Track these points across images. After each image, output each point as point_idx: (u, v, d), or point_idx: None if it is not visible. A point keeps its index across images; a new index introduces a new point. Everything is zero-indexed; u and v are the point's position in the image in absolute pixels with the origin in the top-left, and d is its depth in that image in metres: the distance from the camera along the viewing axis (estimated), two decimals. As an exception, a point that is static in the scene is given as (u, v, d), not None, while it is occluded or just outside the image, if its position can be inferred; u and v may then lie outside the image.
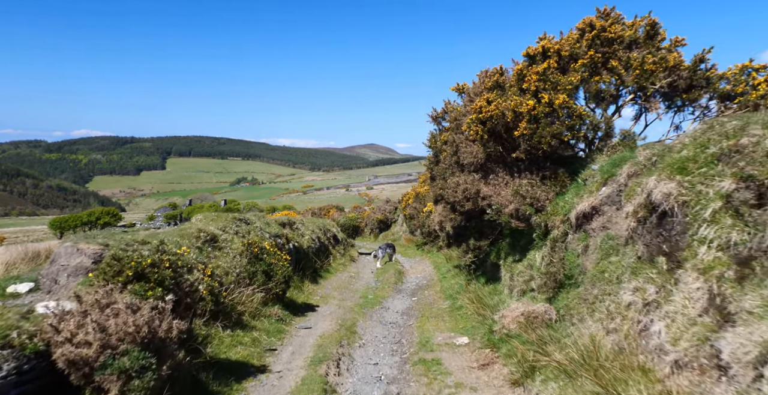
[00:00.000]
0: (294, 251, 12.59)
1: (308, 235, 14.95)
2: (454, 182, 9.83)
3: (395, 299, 12.35)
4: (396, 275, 15.80)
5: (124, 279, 4.54)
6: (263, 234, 10.88)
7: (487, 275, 11.27)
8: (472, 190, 9.35)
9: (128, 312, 3.83)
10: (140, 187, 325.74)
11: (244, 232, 9.98)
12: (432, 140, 12.00)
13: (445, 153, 11.02)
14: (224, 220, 9.84)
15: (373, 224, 40.47)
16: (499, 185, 8.75)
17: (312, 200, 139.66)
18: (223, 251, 8.57)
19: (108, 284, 4.34)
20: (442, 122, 12.18)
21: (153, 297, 4.49)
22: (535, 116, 7.42)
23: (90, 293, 3.99)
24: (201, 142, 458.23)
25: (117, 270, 4.56)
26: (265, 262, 9.05)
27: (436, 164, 11.96)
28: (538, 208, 7.70)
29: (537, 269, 7.81)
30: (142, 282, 4.63)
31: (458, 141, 9.99)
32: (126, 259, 4.68)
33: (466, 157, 9.60)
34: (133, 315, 3.82)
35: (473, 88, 9.98)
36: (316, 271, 14.00)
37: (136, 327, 3.74)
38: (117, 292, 4.16)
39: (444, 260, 17.25)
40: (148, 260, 4.86)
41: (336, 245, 19.15)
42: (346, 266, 17.49)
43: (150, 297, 4.48)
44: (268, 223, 12.07)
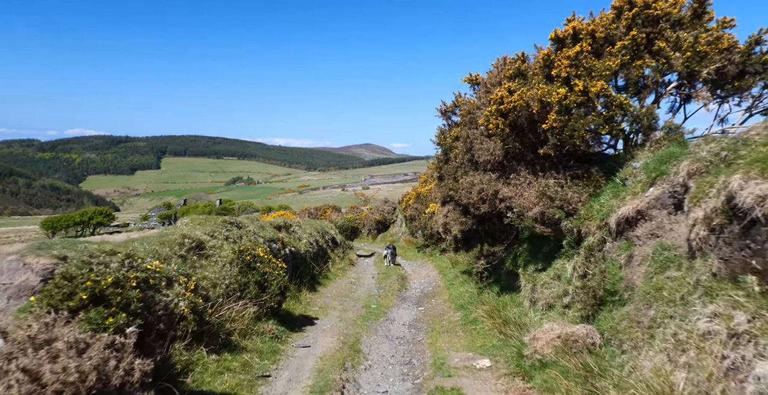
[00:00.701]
0: (290, 257, 11.61)
1: (306, 238, 13.98)
2: (468, 182, 8.89)
3: (400, 309, 11.39)
4: (399, 281, 14.84)
5: (76, 304, 3.57)
6: (257, 239, 9.90)
7: (501, 283, 10.32)
8: (489, 191, 8.40)
9: (71, 352, 2.88)
10: (135, 187, 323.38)
11: (235, 237, 9.00)
12: (441, 137, 11.05)
13: (456, 150, 10.07)
14: (213, 224, 8.85)
15: (371, 225, 39.54)
16: (521, 185, 7.80)
17: (308, 200, 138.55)
18: (211, 259, 7.58)
19: (53, 312, 3.37)
20: (452, 117, 11.23)
21: (113, 326, 3.53)
22: (566, 107, 6.48)
23: (23, 327, 3.03)
24: (196, 141, 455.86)
25: (67, 293, 3.60)
26: (258, 271, 8.07)
27: (446, 163, 11.02)
28: (569, 211, 6.76)
29: (567, 280, 6.87)
30: (100, 307, 3.67)
31: (472, 137, 9.05)
32: (80, 277, 3.72)
33: (481, 154, 8.65)
34: (78, 358, 2.86)
35: (489, 78, 9.03)
36: (315, 278, 13.02)
37: (81, 374, 2.78)
38: (61, 324, 3.19)
39: (449, 264, 16.30)
40: (109, 278, 3.89)
41: (335, 248, 18.18)
42: (346, 271, 16.51)
43: (109, 326, 3.52)
44: (263, 226, 11.09)
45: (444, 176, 11.35)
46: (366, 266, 20.01)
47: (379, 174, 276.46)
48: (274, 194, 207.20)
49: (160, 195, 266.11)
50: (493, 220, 10.89)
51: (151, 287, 4.67)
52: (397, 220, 37.94)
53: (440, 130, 11.23)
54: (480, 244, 12.88)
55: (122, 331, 3.47)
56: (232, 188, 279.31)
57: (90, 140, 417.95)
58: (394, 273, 16.80)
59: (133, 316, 3.88)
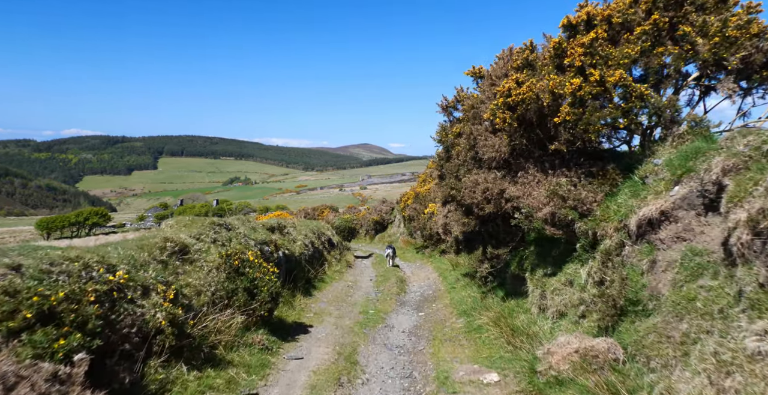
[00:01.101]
0: (284, 260, 11.05)
1: (300, 240, 13.42)
2: (471, 180, 8.34)
3: (399, 314, 10.84)
4: (398, 285, 14.29)
5: (18, 325, 3.02)
6: (247, 242, 9.34)
7: (506, 288, 9.79)
8: (494, 190, 7.86)
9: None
10: (131, 187, 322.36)
11: (224, 240, 8.44)
12: (442, 133, 10.49)
13: (459, 147, 9.53)
14: (200, 225, 8.29)
15: (368, 226, 39.02)
16: (530, 184, 7.26)
17: (305, 200, 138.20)
18: (196, 264, 7.02)
19: (-11, 335, 2.82)
20: (454, 113, 10.69)
21: (63, 350, 2.98)
22: (580, 99, 5.94)
23: (-56, 356, 2.49)
24: (193, 141, 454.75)
25: (8, 310, 3.05)
26: (247, 277, 7.51)
27: (447, 161, 10.47)
28: (583, 212, 6.22)
29: (581, 287, 6.33)
30: (49, 328, 3.12)
31: (476, 133, 8.50)
32: (26, 292, 3.17)
33: (486, 151, 8.11)
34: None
35: (494, 70, 8.48)
36: (310, 281, 12.46)
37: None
38: (-7, 351, 2.64)
39: (449, 266, 15.76)
40: (61, 292, 3.34)
41: (331, 249, 17.62)
42: (343, 274, 15.96)
43: (59, 350, 2.97)
44: (254, 228, 10.52)
45: (445, 174, 10.81)
46: (364, 268, 19.47)
47: (376, 174, 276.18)
48: (271, 194, 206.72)
49: (157, 195, 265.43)
50: (497, 221, 10.36)
51: (117, 300, 4.11)
52: (395, 220, 37.42)
53: (441, 126, 10.69)
54: (483, 246, 12.35)
55: (69, 359, 2.91)
56: (230, 189, 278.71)
57: (86, 140, 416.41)
58: (392, 276, 16.26)
59: (91, 336, 3.33)
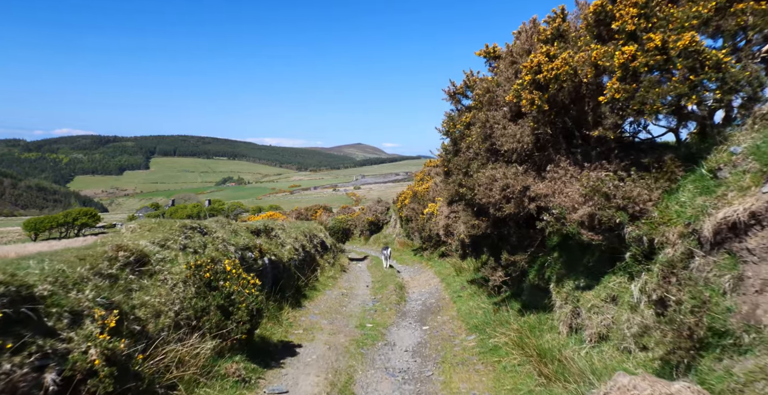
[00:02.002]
0: (270, 267, 9.78)
1: (290, 244, 12.15)
2: (487, 176, 7.12)
3: (401, 328, 9.61)
4: (397, 292, 13.05)
5: None
6: (226, 248, 8.07)
7: (523, 299, 8.57)
8: (516, 187, 6.64)
9: None
10: (123, 187, 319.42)
11: (196, 246, 7.17)
12: (449, 124, 9.25)
13: (470, 139, 8.31)
14: (168, 229, 7.00)
15: (363, 226, 37.84)
16: (560, 179, 6.05)
17: (299, 200, 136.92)
18: (157, 278, 5.75)
19: None
20: (463, 100, 9.45)
21: None
22: (633, 71, 4.73)
23: None
24: (186, 141, 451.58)
25: None
26: (222, 291, 6.25)
27: (455, 154, 9.24)
28: (635, 214, 5.01)
29: (630, 306, 5.11)
30: None
31: (492, 120, 7.28)
32: None
33: (505, 142, 6.90)
34: None
35: (515, 47, 7.26)
36: (300, 290, 11.20)
37: None
38: None
39: (452, 271, 14.54)
40: None
41: (324, 253, 16.36)
42: (337, 280, 14.70)
43: None
44: (236, 231, 9.24)
45: (452, 171, 9.59)
46: (359, 273, 18.23)
47: (370, 174, 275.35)
48: (264, 194, 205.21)
49: (149, 196, 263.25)
50: (510, 223, 9.15)
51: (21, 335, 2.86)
52: (391, 220, 36.23)
53: (448, 116, 9.45)
54: (493, 251, 11.13)
55: None
56: (222, 189, 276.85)
57: (77, 139, 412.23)
58: (390, 282, 15.02)
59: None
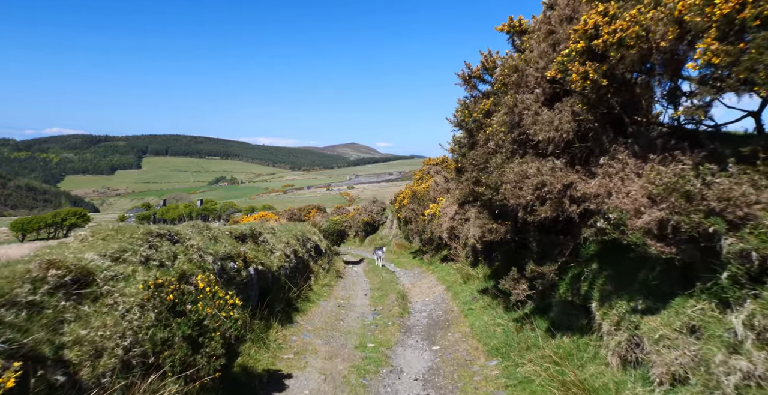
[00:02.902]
0: (256, 278, 8.48)
1: (280, 250, 10.84)
2: (516, 173, 5.87)
3: (407, 348, 8.35)
4: (399, 302, 11.80)
5: None
6: (203, 258, 6.77)
7: (551, 317, 7.33)
8: (555, 185, 5.40)
9: None
10: (115, 187, 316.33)
11: (164, 258, 5.86)
12: (463, 113, 7.98)
13: (491, 129, 7.06)
14: (127, 238, 5.70)
15: (358, 227, 36.61)
16: (617, 175, 4.81)
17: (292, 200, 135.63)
18: (104, 302, 4.45)
19: None
20: (480, 85, 8.20)
21: None
22: (741, 26, 3.49)
23: None
24: (178, 141, 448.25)
25: None
26: (190, 317, 4.96)
27: (470, 148, 7.99)
28: (734, 220, 3.78)
29: (727, 346, 3.86)
30: None
31: (522, 106, 6.04)
32: None
33: (539, 130, 5.66)
34: None
35: (554, 14, 5.99)
36: (291, 303, 9.91)
37: None
38: None
39: (459, 278, 13.28)
40: None
41: (318, 258, 15.07)
42: (332, 288, 13.41)
43: None
44: (216, 237, 7.94)
45: (465, 167, 8.34)
46: (356, 278, 16.97)
47: (363, 174, 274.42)
48: (258, 194, 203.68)
49: (141, 195, 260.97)
50: (530, 228, 7.91)
51: None
52: (387, 221, 35.02)
53: (462, 104, 8.18)
54: (507, 258, 9.89)
55: None
56: (215, 188, 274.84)
57: (68, 139, 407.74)
58: (391, 290, 13.76)
59: None
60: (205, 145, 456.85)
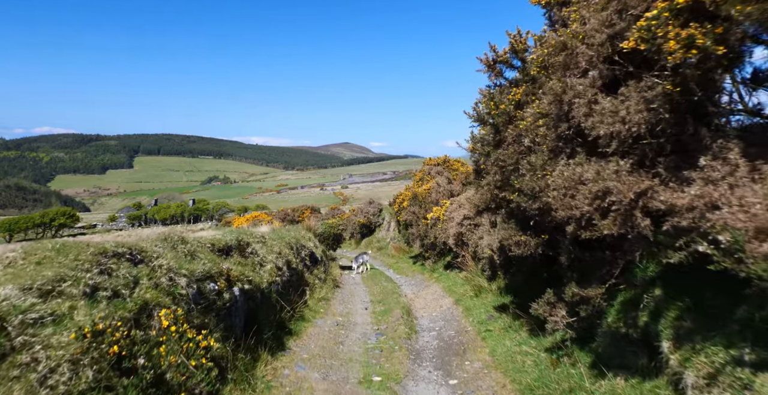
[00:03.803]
0: (242, 300, 7.18)
1: (271, 262, 9.54)
2: (568, 176, 4.63)
3: (419, 382, 7.09)
4: (404, 319, 10.54)
5: None
6: (174, 282, 5.47)
7: (596, 350, 6.08)
8: (624, 193, 4.15)
9: None
10: (106, 186, 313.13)
11: (120, 285, 4.57)
12: (487, 105, 6.70)
13: (525, 123, 5.81)
14: (71, 261, 4.39)
15: (354, 229, 35.37)
16: (723, 180, 3.56)
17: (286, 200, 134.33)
18: (15, 361, 3.16)
19: None
20: (507, 72, 6.91)
21: None
22: None
23: None
24: (170, 140, 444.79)
25: None
26: (141, 377, 3.67)
27: (496, 146, 6.73)
28: None
29: None
30: None
31: (573, 92, 4.79)
32: None
33: (599, 123, 4.42)
34: None
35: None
36: (283, 324, 8.61)
37: None
38: None
39: (469, 290, 12.03)
40: None
41: (314, 267, 13.77)
42: (329, 302, 12.13)
43: None
44: (193, 253, 6.62)
45: (488, 168, 7.09)
46: (354, 287, 15.70)
47: (357, 173, 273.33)
48: (251, 193, 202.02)
49: (133, 195, 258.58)
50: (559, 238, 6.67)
51: None
52: (384, 223, 33.80)
53: (486, 94, 6.88)
54: (532, 273, 8.66)
55: None
56: (208, 188, 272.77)
57: (58, 138, 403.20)
58: (393, 302, 12.51)
59: None
60: (197, 144, 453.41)
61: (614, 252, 5.90)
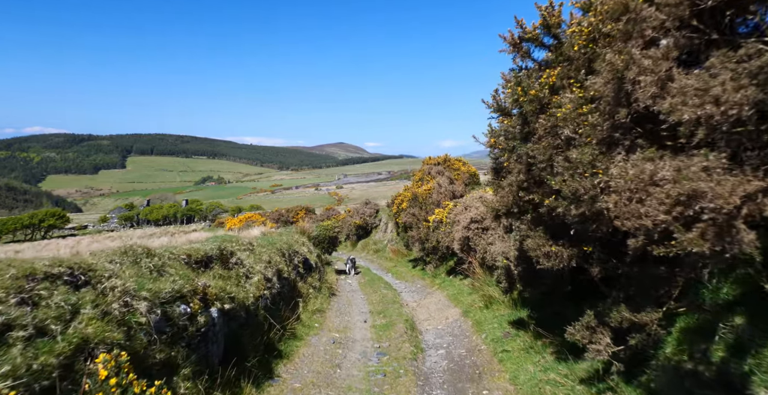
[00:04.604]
0: (221, 322, 6.06)
1: (259, 273, 8.42)
2: (635, 174, 3.57)
3: (432, 419, 6.00)
4: (408, 335, 9.48)
5: None
6: (130, 308, 4.36)
7: (645, 386, 5.00)
8: (723, 198, 3.08)
9: None
10: (98, 187, 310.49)
11: (48, 319, 3.46)
12: (515, 91, 5.59)
13: (564, 110, 4.73)
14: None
15: (350, 230, 34.33)
16: None
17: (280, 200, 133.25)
18: None
19: None
20: (536, 52, 5.79)
21: None
22: None
23: None
24: (164, 140, 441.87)
25: None
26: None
27: (523, 140, 5.65)
28: None
29: None
30: None
31: (639, 67, 3.71)
32: None
33: (680, 104, 3.36)
34: None
35: None
36: (272, 346, 7.49)
37: None
38: None
39: (477, 299, 10.95)
40: None
41: (308, 274, 12.67)
42: (325, 314, 11.02)
43: None
44: (160, 268, 5.49)
45: (511, 166, 6.02)
46: (351, 294, 14.62)
47: (352, 173, 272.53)
48: (245, 193, 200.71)
49: (125, 195, 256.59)
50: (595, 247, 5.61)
51: None
52: (381, 224, 32.76)
53: (512, 78, 5.75)
54: (556, 287, 7.59)
55: None
56: (202, 188, 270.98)
57: (50, 138, 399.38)
58: (395, 314, 11.43)
59: None
60: (191, 144, 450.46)
61: (672, 267, 4.83)
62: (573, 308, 7.71)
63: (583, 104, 4.61)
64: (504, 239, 9.48)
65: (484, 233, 11.49)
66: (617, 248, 5.00)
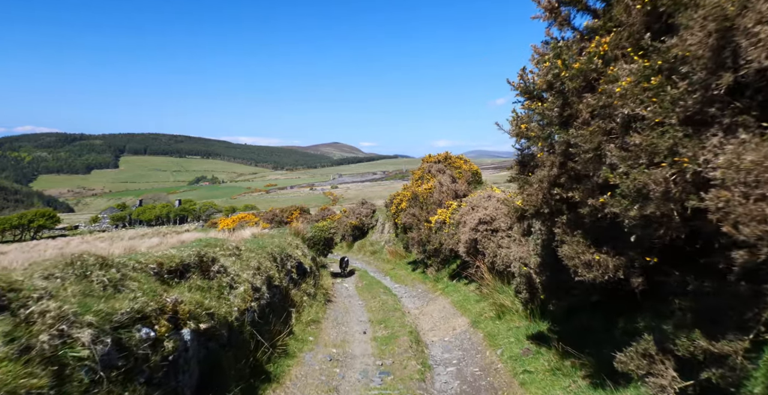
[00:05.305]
0: (196, 345, 5.01)
1: (246, 282, 7.36)
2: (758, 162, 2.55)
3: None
4: (413, 349, 8.46)
5: None
6: (67, 338, 3.32)
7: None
8: None
9: None
10: (91, 186, 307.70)
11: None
12: (556, 64, 4.53)
13: (625, 84, 3.71)
14: None
15: (346, 231, 33.28)
16: None
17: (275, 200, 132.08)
18: None
19: None
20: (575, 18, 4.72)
21: None
22: None
23: None
24: (157, 139, 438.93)
25: None
26: None
27: (562, 126, 4.64)
28: None
29: None
30: None
31: (755, 16, 2.71)
32: None
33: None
34: None
35: None
36: (259, 368, 6.44)
37: None
38: None
39: (487, 308, 9.94)
40: None
41: (302, 280, 11.62)
42: (320, 325, 9.98)
43: None
44: (118, 282, 4.45)
45: (543, 159, 5.01)
46: (348, 300, 13.58)
47: (347, 173, 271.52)
48: (239, 193, 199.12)
49: (118, 195, 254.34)
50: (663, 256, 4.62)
51: None
52: (378, 225, 31.73)
53: (548, 51, 4.75)
54: (586, 298, 6.57)
55: None
56: (196, 188, 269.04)
57: (41, 137, 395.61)
58: (397, 324, 10.41)
59: None
60: (185, 144, 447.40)
61: (757, 284, 3.83)
62: (602, 321, 6.75)
63: (651, 76, 3.62)
64: (521, 243, 8.48)
65: (494, 235, 10.49)
66: (690, 258, 4.01)
